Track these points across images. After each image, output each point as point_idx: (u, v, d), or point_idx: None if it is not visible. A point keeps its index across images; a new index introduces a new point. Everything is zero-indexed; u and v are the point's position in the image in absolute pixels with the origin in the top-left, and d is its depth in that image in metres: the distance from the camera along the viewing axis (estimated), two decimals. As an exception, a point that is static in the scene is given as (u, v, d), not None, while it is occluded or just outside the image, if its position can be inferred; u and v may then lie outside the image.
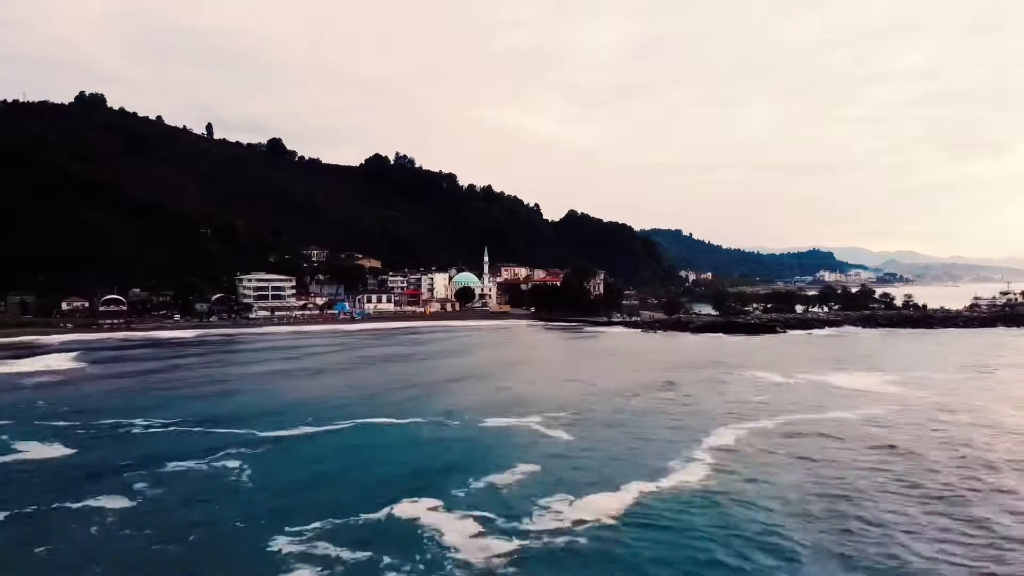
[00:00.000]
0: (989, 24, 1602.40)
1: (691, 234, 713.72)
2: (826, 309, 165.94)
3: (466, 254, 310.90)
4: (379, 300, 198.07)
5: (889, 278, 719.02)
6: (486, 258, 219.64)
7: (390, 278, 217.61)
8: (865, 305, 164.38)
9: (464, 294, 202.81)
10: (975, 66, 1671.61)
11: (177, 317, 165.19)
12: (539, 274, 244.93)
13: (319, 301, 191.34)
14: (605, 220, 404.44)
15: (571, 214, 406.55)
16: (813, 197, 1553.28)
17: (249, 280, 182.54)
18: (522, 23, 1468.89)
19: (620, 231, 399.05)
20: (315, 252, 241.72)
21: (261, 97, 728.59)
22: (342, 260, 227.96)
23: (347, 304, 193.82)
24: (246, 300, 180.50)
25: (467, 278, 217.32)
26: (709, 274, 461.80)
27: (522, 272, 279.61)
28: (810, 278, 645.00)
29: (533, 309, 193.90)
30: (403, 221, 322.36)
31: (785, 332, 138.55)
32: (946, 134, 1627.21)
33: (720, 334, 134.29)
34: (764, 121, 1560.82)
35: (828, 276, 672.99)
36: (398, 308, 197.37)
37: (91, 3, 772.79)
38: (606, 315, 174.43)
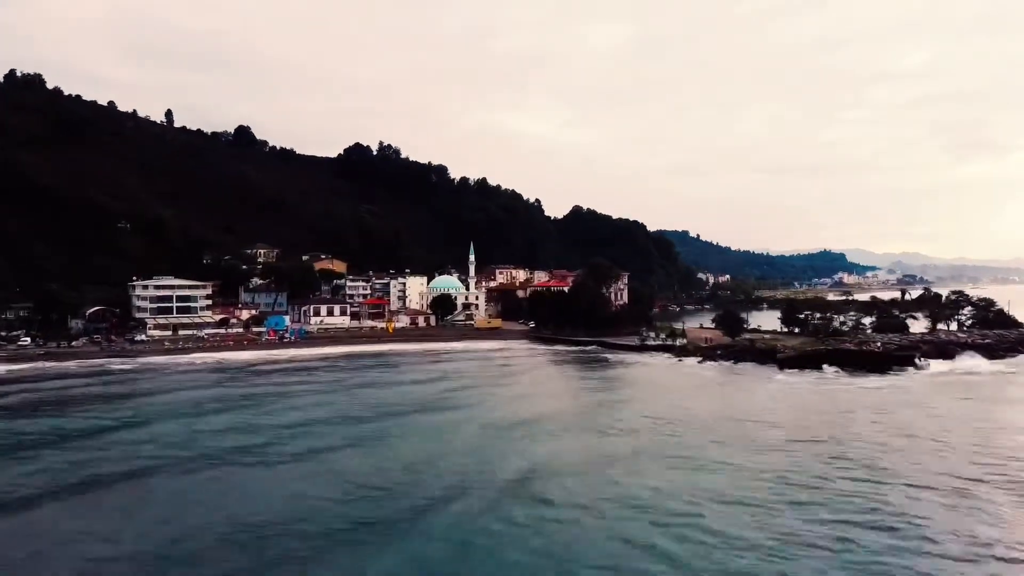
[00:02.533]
0: (992, 23, 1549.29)
1: (698, 235, 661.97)
2: (955, 326, 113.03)
3: (456, 255, 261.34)
4: (330, 312, 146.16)
5: (909, 280, 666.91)
6: (472, 257, 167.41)
7: (349, 283, 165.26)
8: (1013, 321, 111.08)
9: (442, 304, 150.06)
10: (978, 66, 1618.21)
11: (26, 341, 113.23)
12: (540, 277, 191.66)
13: (245, 315, 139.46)
14: (614, 217, 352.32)
15: (576, 210, 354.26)
16: (814, 199, 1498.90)
17: (145, 288, 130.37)
18: (521, 25, 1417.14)
19: (631, 229, 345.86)
20: (262, 251, 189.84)
21: (251, 100, 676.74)
22: (291, 262, 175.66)
23: (287, 318, 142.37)
24: (140, 315, 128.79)
25: (447, 283, 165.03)
26: (727, 276, 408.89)
27: (520, 275, 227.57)
28: (829, 280, 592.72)
29: (532, 324, 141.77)
30: (381, 217, 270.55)
31: (927, 365, 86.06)
32: (948, 134, 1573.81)
33: (833, 371, 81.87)
34: (765, 123, 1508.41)
35: (848, 278, 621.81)
36: (355, 323, 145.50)
37: (85, 6, 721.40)
38: (634, 332, 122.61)
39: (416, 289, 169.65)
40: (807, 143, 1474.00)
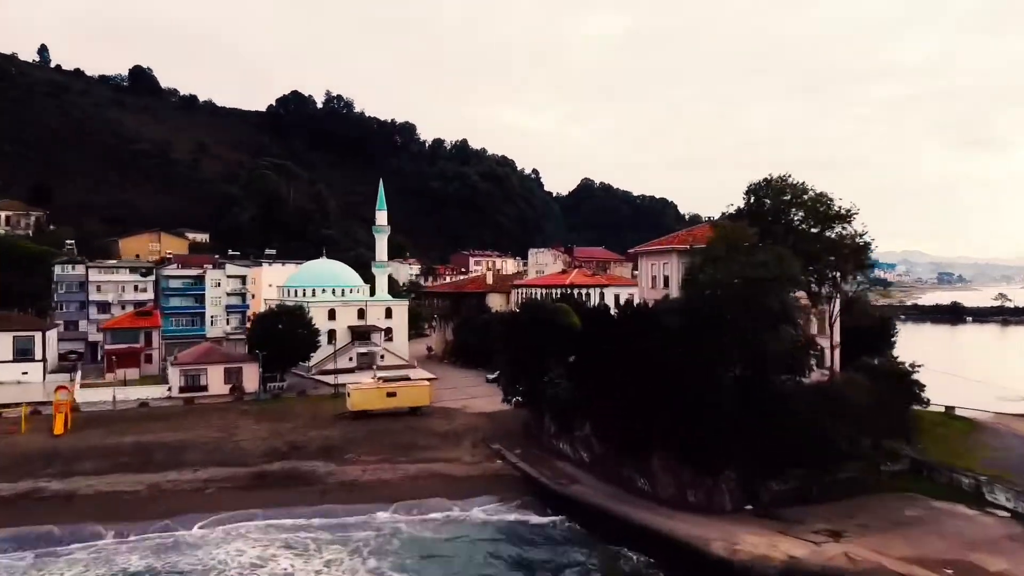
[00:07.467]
0: (993, 19, 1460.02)
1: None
2: None
3: (427, 239, 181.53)
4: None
5: (947, 278, 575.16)
6: (382, 216, 71.31)
7: (97, 279, 69.61)
8: None
9: (274, 334, 53.10)
10: (979, 62, 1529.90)
11: None
12: (542, 262, 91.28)
13: None
14: (636, 194, 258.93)
15: (585, 184, 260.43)
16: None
17: None
18: (517, 19, 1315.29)
19: (658, 209, 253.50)
20: (8, 215, 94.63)
21: (235, 83, 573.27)
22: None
23: None
24: None
25: (317, 276, 68.74)
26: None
27: (508, 265, 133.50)
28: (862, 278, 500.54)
29: (521, 390, 46.24)
30: (303, 180, 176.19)
31: None
32: (949, 131, 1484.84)
33: None
34: (765, 119, 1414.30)
35: (887, 277, 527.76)
36: (62, 377, 52.03)
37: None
38: (882, 462, 29.77)
39: (274, 291, 74.78)
40: (806, 140, 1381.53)
